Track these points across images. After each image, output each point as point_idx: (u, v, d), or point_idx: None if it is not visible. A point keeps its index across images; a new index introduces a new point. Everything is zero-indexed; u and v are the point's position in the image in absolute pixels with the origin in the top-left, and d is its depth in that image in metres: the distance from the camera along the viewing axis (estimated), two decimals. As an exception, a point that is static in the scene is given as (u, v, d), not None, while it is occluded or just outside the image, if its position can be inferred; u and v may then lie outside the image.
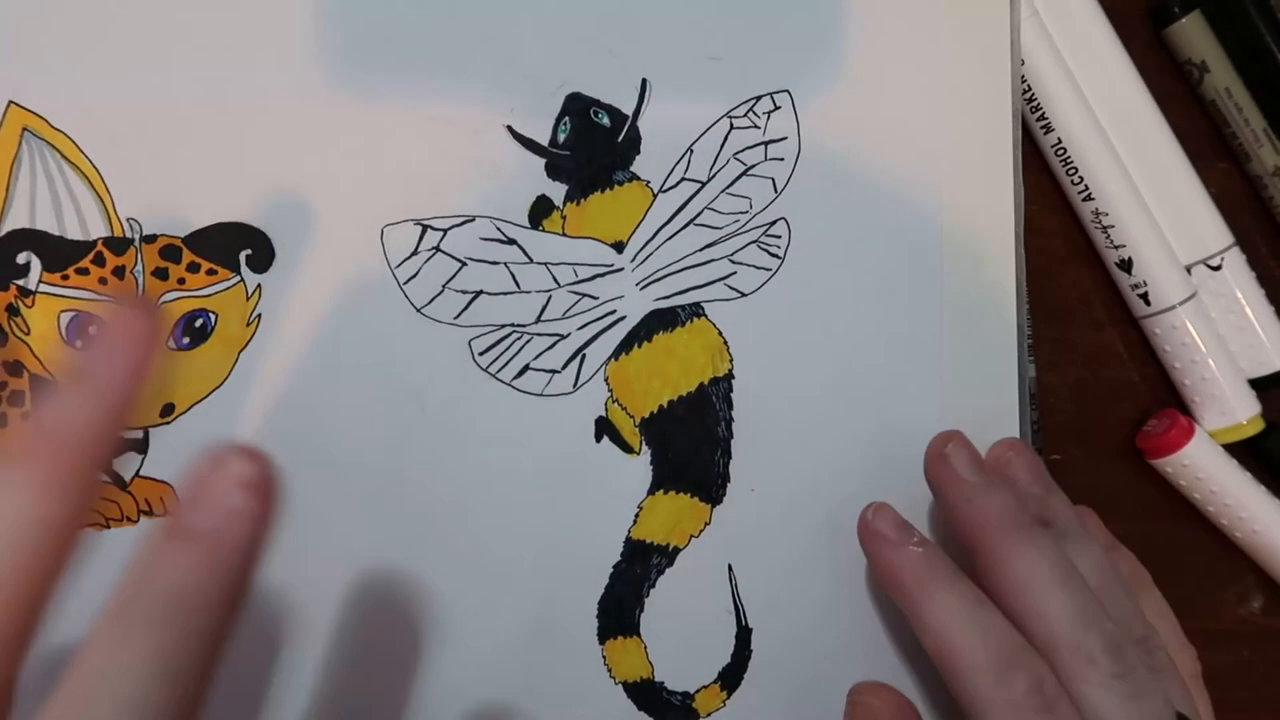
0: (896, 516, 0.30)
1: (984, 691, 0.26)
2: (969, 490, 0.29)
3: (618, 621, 0.32)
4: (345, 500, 0.31)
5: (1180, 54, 0.37)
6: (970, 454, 0.30)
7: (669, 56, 0.33)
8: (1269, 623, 0.38)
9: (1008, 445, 0.31)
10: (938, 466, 0.30)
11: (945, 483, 0.30)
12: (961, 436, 0.31)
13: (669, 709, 0.32)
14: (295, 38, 0.31)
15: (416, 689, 0.31)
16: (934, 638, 0.28)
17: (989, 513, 0.29)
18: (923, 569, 0.28)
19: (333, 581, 0.31)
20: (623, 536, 0.32)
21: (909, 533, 0.29)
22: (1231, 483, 0.36)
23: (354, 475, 0.31)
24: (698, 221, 0.33)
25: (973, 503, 0.29)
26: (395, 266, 0.31)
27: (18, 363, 0.30)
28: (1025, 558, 0.28)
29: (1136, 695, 0.26)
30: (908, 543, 0.29)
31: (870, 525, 0.30)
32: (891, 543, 0.29)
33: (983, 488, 0.29)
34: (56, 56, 0.31)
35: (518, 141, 0.32)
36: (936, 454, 0.30)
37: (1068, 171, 0.36)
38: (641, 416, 0.32)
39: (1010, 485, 0.30)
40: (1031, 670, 0.26)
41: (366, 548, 0.31)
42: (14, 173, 0.30)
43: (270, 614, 0.31)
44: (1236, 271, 0.36)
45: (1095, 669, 0.26)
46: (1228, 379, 0.36)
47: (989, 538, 0.28)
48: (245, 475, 0.19)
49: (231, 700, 0.30)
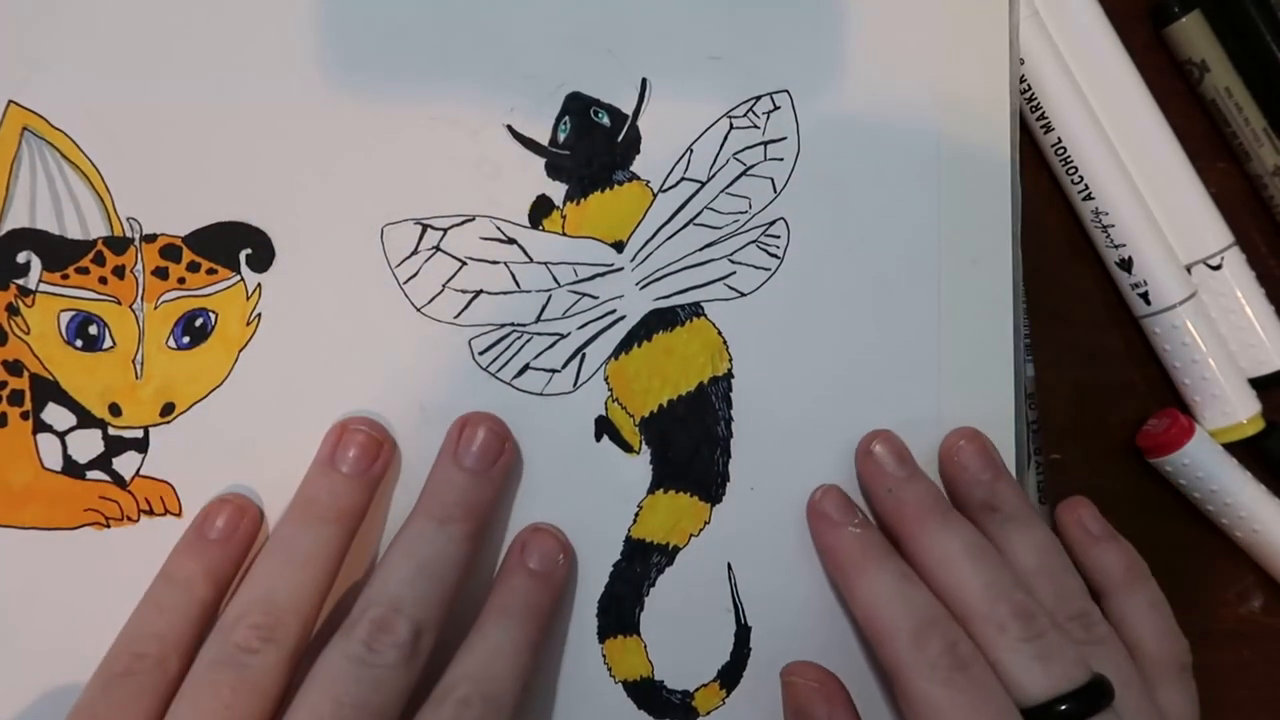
0: (842, 498, 0.32)
1: (902, 654, 0.28)
2: (889, 481, 0.31)
3: (617, 620, 0.32)
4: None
5: (1180, 54, 0.37)
6: (895, 449, 0.32)
7: (669, 56, 0.33)
8: (1269, 623, 0.38)
9: (959, 433, 0.33)
10: (864, 462, 0.32)
11: (869, 476, 0.32)
12: (888, 434, 0.32)
13: (669, 707, 0.32)
14: (295, 37, 0.31)
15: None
16: (861, 608, 0.30)
17: (907, 502, 0.31)
18: (858, 548, 0.31)
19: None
20: (622, 535, 0.32)
21: (851, 514, 0.31)
22: (1231, 482, 0.36)
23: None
24: (697, 221, 0.33)
25: (892, 494, 0.31)
26: (395, 266, 0.31)
27: (18, 362, 0.30)
28: (937, 537, 0.30)
29: (1045, 657, 0.28)
30: (848, 523, 0.31)
31: (816, 505, 0.32)
32: (833, 523, 0.31)
33: (903, 480, 0.31)
34: (56, 56, 0.31)
35: (518, 141, 0.32)
36: (863, 450, 0.32)
37: (1068, 171, 0.36)
38: (641, 416, 0.32)
39: (957, 471, 0.32)
40: (946, 634, 0.28)
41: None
42: (14, 172, 0.30)
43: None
44: (1236, 271, 0.37)
45: (1005, 634, 0.28)
46: (1228, 378, 0.36)
47: (907, 524, 0.31)
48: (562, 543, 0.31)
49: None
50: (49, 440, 0.30)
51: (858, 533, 0.31)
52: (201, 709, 0.26)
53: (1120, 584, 0.33)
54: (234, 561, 0.29)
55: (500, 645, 0.28)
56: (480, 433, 0.30)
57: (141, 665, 0.27)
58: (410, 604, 0.27)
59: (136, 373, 0.31)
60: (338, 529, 0.28)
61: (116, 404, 0.30)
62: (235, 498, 0.30)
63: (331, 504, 0.29)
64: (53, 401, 0.30)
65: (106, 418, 0.30)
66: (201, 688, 0.26)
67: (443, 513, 0.29)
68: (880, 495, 0.31)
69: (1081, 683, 0.27)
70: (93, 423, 0.30)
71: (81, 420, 0.30)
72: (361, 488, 0.29)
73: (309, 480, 0.30)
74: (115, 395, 0.30)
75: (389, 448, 0.30)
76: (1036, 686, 0.27)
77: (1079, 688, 0.27)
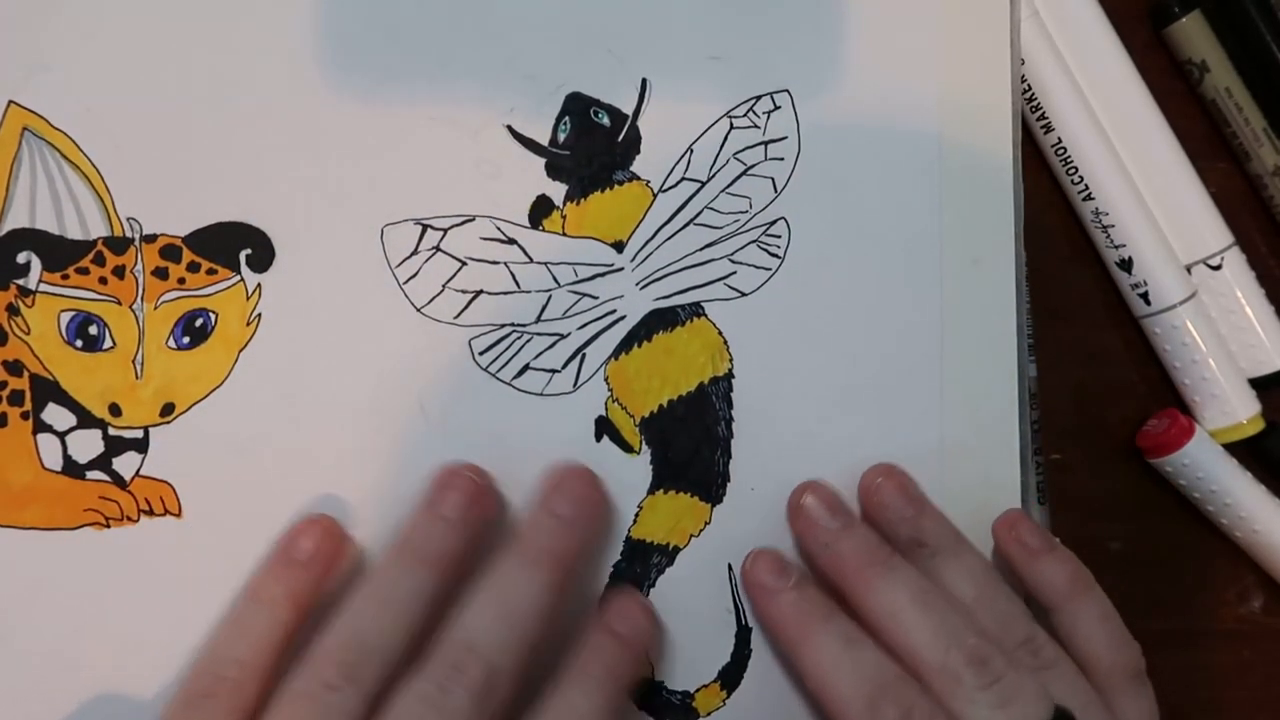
0: (773, 561, 0.31)
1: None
2: (825, 536, 0.31)
3: (618, 621, 0.32)
4: (345, 500, 0.31)
5: (1180, 54, 0.37)
6: (826, 500, 0.31)
7: (669, 56, 0.33)
8: (1269, 623, 0.38)
9: (876, 471, 0.32)
10: (795, 518, 0.32)
11: (803, 533, 0.31)
12: (816, 485, 0.32)
13: (669, 708, 0.32)
14: (295, 37, 0.31)
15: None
16: (811, 678, 0.29)
17: (846, 555, 0.30)
18: (797, 613, 0.30)
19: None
20: (623, 536, 0.32)
21: (785, 575, 0.31)
22: (1231, 482, 0.36)
23: (354, 475, 0.31)
24: (698, 221, 0.33)
25: (830, 548, 0.31)
26: (395, 266, 0.31)
27: (18, 362, 0.30)
28: (882, 589, 0.29)
29: (1006, 702, 0.27)
30: (783, 588, 0.30)
31: (749, 575, 0.31)
32: (768, 590, 0.31)
33: (837, 532, 0.31)
34: (56, 56, 0.31)
35: (518, 141, 0.32)
36: (794, 506, 0.32)
37: (1068, 171, 0.36)
38: (641, 416, 0.32)
39: (878, 511, 0.31)
40: (900, 699, 0.27)
41: (366, 547, 0.31)
42: (14, 172, 0.30)
43: (270, 613, 0.31)
44: (1236, 271, 0.36)
45: (961, 685, 0.28)
46: (1228, 378, 0.36)
47: (848, 578, 0.30)
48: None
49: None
50: (49, 440, 0.30)
51: (794, 596, 0.30)
52: None
53: (1066, 596, 0.31)
54: (318, 584, 0.29)
55: (578, 708, 0.28)
56: (571, 478, 0.30)
57: (223, 688, 0.27)
58: (487, 647, 0.27)
59: (136, 373, 0.31)
60: (434, 574, 0.28)
61: (116, 404, 0.30)
62: (323, 519, 0.30)
63: (430, 549, 0.29)
64: (53, 402, 0.30)
65: (106, 418, 0.30)
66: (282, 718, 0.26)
67: (534, 558, 0.29)
68: (818, 551, 0.31)
69: (1046, 718, 0.27)
70: (93, 423, 0.30)
71: (81, 420, 0.30)
72: (461, 534, 0.29)
73: (412, 523, 0.29)
74: (115, 395, 0.30)
75: (492, 497, 0.31)
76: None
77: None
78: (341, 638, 0.27)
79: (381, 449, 0.31)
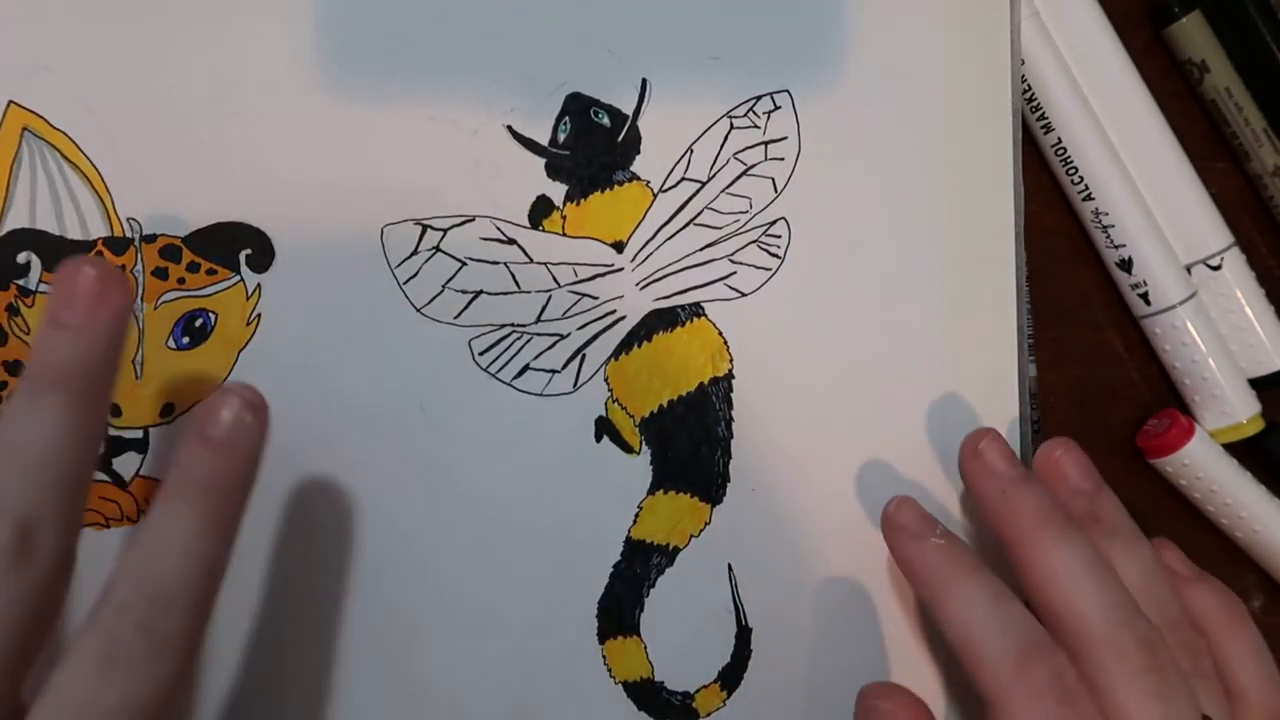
0: (919, 509, 0.30)
1: (1003, 682, 0.26)
2: (1003, 483, 0.29)
3: (617, 621, 0.32)
4: (345, 500, 0.31)
5: (1180, 54, 0.37)
6: (1003, 450, 0.30)
7: (669, 56, 0.33)
8: (1269, 622, 0.38)
9: (1057, 443, 0.31)
10: (972, 462, 0.30)
11: (979, 477, 0.30)
12: (995, 433, 0.31)
13: (669, 709, 0.32)
14: (295, 37, 0.31)
15: (416, 688, 0.31)
16: (955, 629, 0.28)
17: (1022, 507, 0.29)
18: (945, 562, 0.28)
19: (332, 580, 0.31)
20: (623, 536, 0.32)
21: (931, 525, 0.29)
22: (1231, 482, 0.36)
23: (354, 475, 0.31)
24: (698, 221, 0.33)
25: (1007, 496, 0.29)
26: (395, 266, 0.31)
27: (18, 362, 0.30)
28: (1057, 550, 0.27)
29: (1163, 694, 0.25)
30: (929, 535, 0.29)
31: (893, 518, 0.30)
32: (913, 535, 0.29)
33: (1017, 481, 0.29)
34: (56, 56, 0.31)
35: (518, 141, 0.32)
36: (971, 450, 0.30)
37: (1068, 171, 0.36)
38: (641, 416, 0.32)
39: (1055, 482, 0.30)
40: (1051, 662, 0.26)
41: (366, 547, 0.31)
42: (14, 172, 0.30)
43: (269, 612, 0.31)
44: (1236, 271, 0.36)
45: (1124, 663, 0.26)
46: (1228, 379, 0.36)
47: (1022, 531, 0.28)
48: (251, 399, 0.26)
49: (230, 692, 0.31)
50: (49, 441, 0.30)
51: (943, 544, 0.29)
52: None
53: (1222, 624, 0.30)
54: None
55: (169, 535, 0.24)
56: (84, 271, 0.24)
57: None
58: (6, 499, 0.23)
59: (136, 373, 0.31)
60: (66, 397, 0.24)
61: (116, 404, 0.30)
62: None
63: (52, 365, 0.24)
64: (53, 402, 0.30)
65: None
66: None
67: (40, 385, 0.24)
68: (993, 496, 0.29)
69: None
70: (93, 423, 0.30)
71: (81, 421, 0.30)
72: (89, 342, 0.24)
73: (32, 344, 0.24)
74: (115, 396, 0.30)
75: (123, 288, 0.25)
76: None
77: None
78: None
79: (381, 449, 0.31)
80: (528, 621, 0.31)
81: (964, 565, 0.28)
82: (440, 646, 0.31)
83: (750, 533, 0.32)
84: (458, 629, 0.31)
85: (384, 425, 0.31)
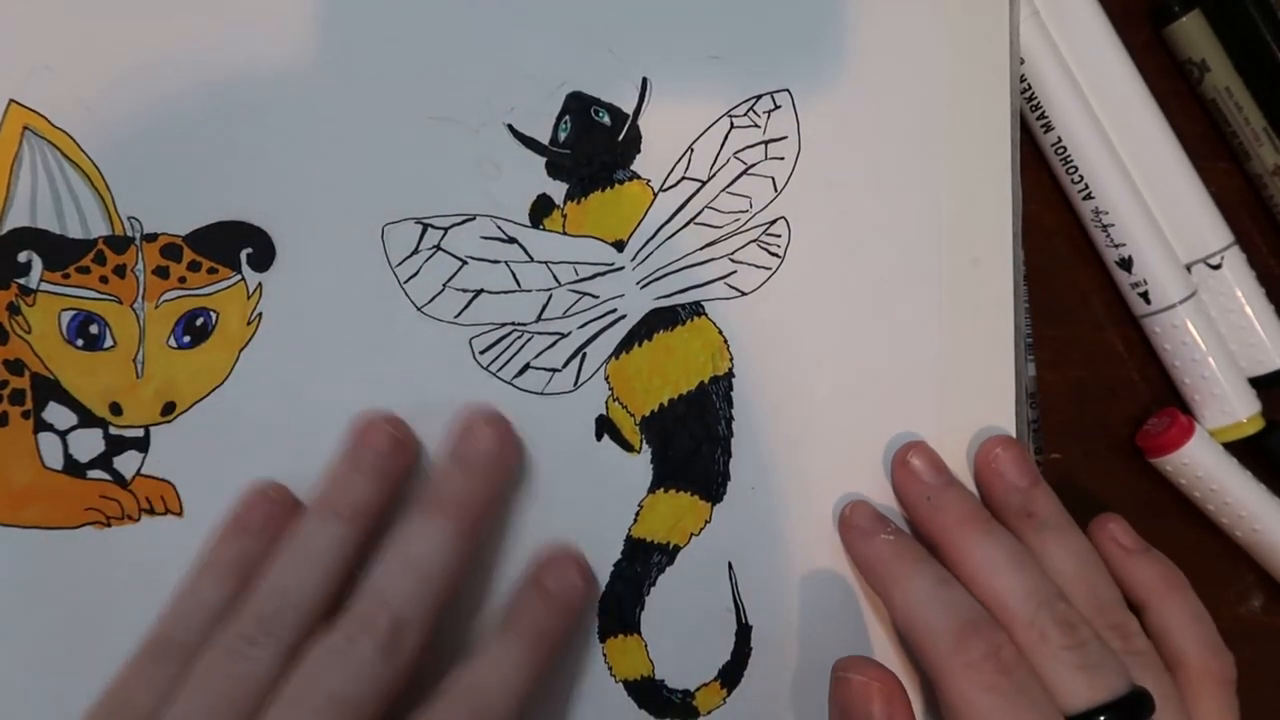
0: (871, 510, 0.32)
1: (943, 656, 0.28)
2: (928, 489, 0.31)
3: (618, 619, 0.32)
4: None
5: (1180, 54, 0.37)
6: (931, 459, 0.32)
7: (669, 55, 0.33)
8: (1269, 622, 0.38)
9: (995, 441, 0.32)
10: (899, 471, 0.32)
11: (906, 485, 0.32)
12: (923, 444, 0.32)
13: (669, 707, 0.32)
14: (295, 37, 0.31)
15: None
16: (901, 613, 0.30)
17: (947, 510, 0.31)
18: (893, 555, 0.30)
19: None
20: (623, 535, 0.32)
21: (883, 524, 0.31)
22: (1231, 481, 0.36)
23: (354, 474, 0.31)
24: (698, 220, 0.33)
25: (930, 501, 0.31)
26: (396, 265, 0.31)
27: (19, 361, 0.30)
28: (981, 545, 0.30)
29: (1088, 666, 0.27)
30: (880, 532, 0.31)
31: (847, 520, 0.32)
32: (865, 533, 0.31)
33: (941, 487, 0.31)
34: (56, 56, 0.31)
35: (518, 140, 0.32)
36: (899, 461, 0.32)
37: (1068, 171, 0.36)
38: (642, 415, 0.32)
39: (993, 478, 0.32)
40: (989, 637, 0.28)
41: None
42: (15, 171, 0.30)
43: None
44: (1236, 270, 0.37)
45: (1046, 643, 0.28)
46: (1228, 378, 0.36)
47: (947, 532, 0.30)
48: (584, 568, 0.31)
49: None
50: (50, 439, 0.30)
51: (891, 539, 0.31)
52: (196, 699, 0.26)
53: (1160, 595, 0.32)
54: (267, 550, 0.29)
55: (500, 662, 0.28)
56: (479, 424, 0.30)
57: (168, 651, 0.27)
58: (393, 598, 0.27)
59: (137, 372, 0.31)
60: (351, 527, 0.28)
61: (117, 403, 0.30)
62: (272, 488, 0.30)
63: (347, 501, 0.29)
64: (54, 401, 0.30)
65: (107, 417, 0.30)
66: (200, 677, 0.26)
67: (440, 508, 0.29)
68: (918, 503, 0.31)
69: (1123, 693, 0.27)
70: (94, 422, 0.30)
71: (82, 419, 0.30)
72: (379, 486, 0.29)
73: (330, 475, 0.30)
74: (116, 394, 0.30)
75: (411, 447, 0.31)
76: (1078, 696, 0.27)
77: (1120, 698, 0.27)
78: (261, 592, 0.27)
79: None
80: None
81: (909, 556, 0.30)
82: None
83: (750, 531, 0.32)
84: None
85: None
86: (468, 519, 0.29)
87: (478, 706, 0.27)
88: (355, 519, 0.29)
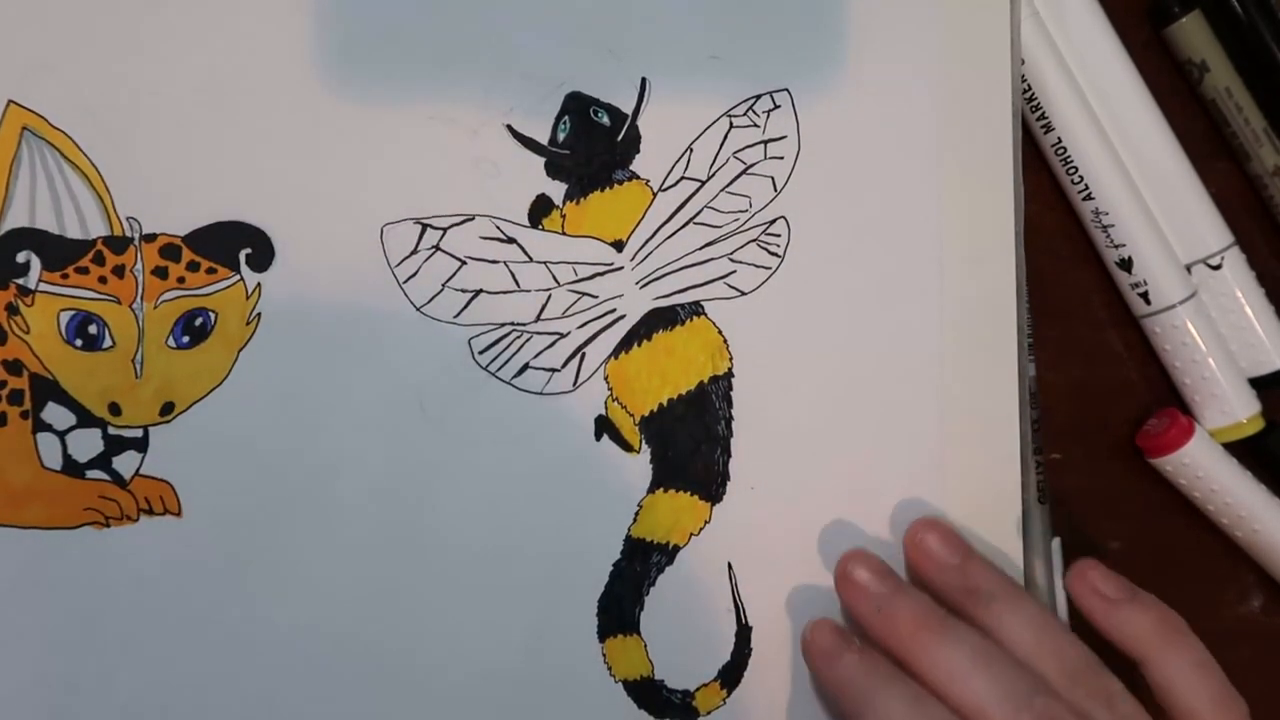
0: (832, 628, 0.31)
1: None
2: (876, 600, 0.30)
3: (618, 620, 0.32)
4: (345, 499, 0.31)
5: (1180, 54, 0.37)
6: (873, 567, 0.31)
7: (669, 55, 0.33)
8: (1269, 622, 0.38)
9: (920, 524, 0.32)
10: (844, 587, 0.31)
11: (853, 598, 0.31)
12: (861, 554, 0.32)
13: (669, 707, 0.32)
14: (295, 36, 0.31)
15: (416, 684, 0.31)
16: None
17: (898, 617, 0.30)
18: (861, 674, 0.29)
19: (331, 579, 0.31)
20: (623, 535, 0.32)
21: (846, 641, 0.30)
22: (1231, 482, 0.36)
23: (354, 474, 0.31)
24: (697, 220, 0.33)
25: (882, 612, 0.30)
26: (395, 265, 0.31)
27: (17, 361, 0.30)
28: (939, 650, 0.28)
29: None
30: (845, 652, 0.30)
31: (809, 644, 0.31)
32: (828, 655, 0.30)
33: (889, 595, 0.30)
34: (56, 56, 0.31)
35: (517, 140, 0.32)
36: (841, 575, 0.32)
37: (1068, 171, 0.36)
38: (641, 415, 0.32)
39: (924, 561, 0.31)
40: None
41: (366, 546, 0.31)
42: (14, 172, 0.30)
43: (268, 612, 0.31)
44: (1236, 271, 0.36)
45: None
46: (1228, 378, 0.36)
47: (904, 641, 0.29)
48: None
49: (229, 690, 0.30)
50: (49, 439, 0.30)
51: (856, 659, 0.29)
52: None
53: (1157, 647, 0.29)
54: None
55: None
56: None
57: None
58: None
59: (136, 372, 0.31)
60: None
61: (116, 403, 0.30)
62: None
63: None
64: (52, 401, 0.30)
65: (106, 417, 0.30)
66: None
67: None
68: (869, 615, 0.30)
69: None
70: (92, 422, 0.30)
71: (81, 420, 0.30)
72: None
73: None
74: (115, 395, 0.30)
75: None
76: None
77: None
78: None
79: (381, 449, 0.31)
80: (528, 620, 0.31)
81: (879, 677, 0.29)
82: (440, 644, 0.31)
83: (750, 531, 0.32)
84: (458, 627, 0.31)
85: (383, 424, 0.31)
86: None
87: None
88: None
